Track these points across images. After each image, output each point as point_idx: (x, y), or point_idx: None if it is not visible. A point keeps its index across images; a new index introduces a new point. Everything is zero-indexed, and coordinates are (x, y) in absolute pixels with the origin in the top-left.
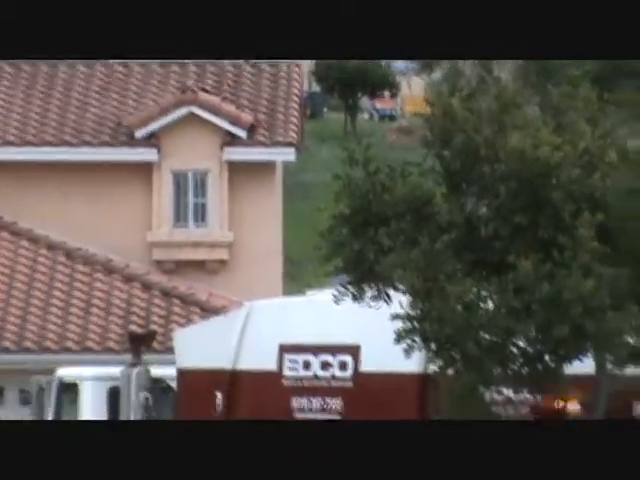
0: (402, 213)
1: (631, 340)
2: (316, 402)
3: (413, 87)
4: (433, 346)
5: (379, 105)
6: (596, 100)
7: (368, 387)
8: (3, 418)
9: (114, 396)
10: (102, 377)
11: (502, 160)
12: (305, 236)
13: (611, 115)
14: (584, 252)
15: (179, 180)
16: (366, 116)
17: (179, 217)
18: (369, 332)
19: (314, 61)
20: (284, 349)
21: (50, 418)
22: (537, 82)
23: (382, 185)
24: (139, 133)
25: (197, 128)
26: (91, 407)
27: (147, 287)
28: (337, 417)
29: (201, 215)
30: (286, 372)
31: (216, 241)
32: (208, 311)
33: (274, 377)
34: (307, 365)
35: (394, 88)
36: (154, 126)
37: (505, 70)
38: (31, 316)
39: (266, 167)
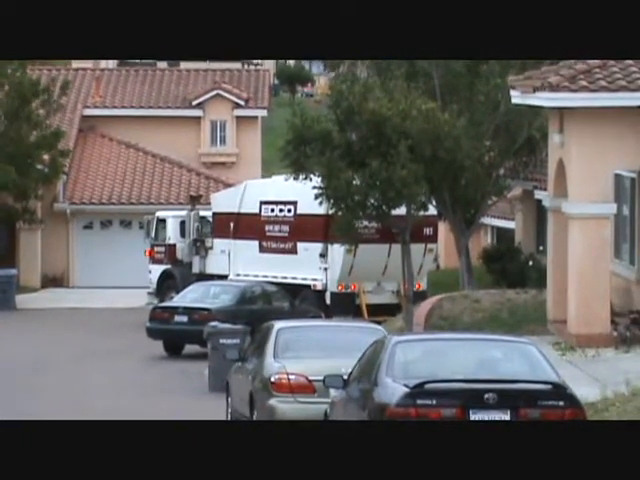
0: (317, 138)
1: (423, 198)
2: (276, 227)
3: (321, 81)
4: (332, 201)
5: (306, 89)
6: (407, 87)
7: (301, 221)
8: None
9: (182, 225)
10: (177, 215)
11: (363, 114)
12: (273, 150)
13: (413, 93)
14: (401, 157)
15: None
16: (299, 95)
17: None
18: (302, 194)
19: (275, 65)
20: (262, 202)
21: (152, 236)
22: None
23: (308, 126)
24: None
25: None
26: (172, 231)
27: (198, 174)
28: (286, 235)
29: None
30: (263, 213)
31: (231, 153)
32: (228, 185)
33: (257, 216)
34: (273, 210)
35: (313, 81)
36: None
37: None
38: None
39: (253, 120)
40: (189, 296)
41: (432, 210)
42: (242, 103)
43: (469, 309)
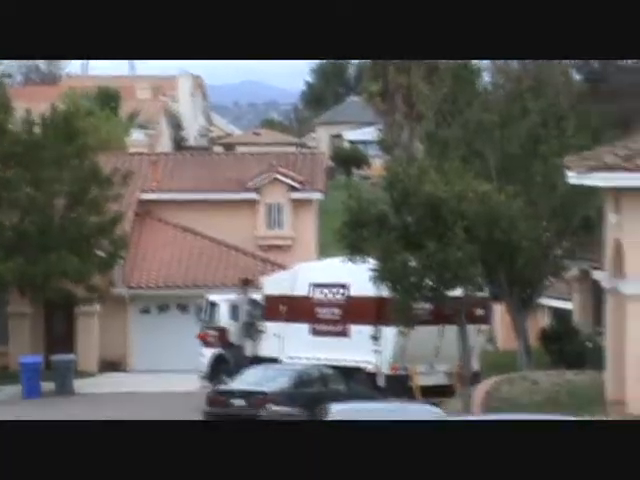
0: (373, 221)
1: (480, 279)
2: (327, 310)
3: (377, 163)
4: (388, 283)
5: (361, 172)
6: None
7: (353, 304)
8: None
9: (234, 308)
10: (229, 299)
11: (419, 196)
12: (329, 232)
13: (468, 174)
14: (457, 239)
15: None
16: (355, 177)
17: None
18: (354, 277)
19: (331, 148)
20: (313, 285)
21: (204, 320)
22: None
23: (364, 208)
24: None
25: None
26: (223, 314)
27: (254, 258)
28: (338, 318)
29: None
30: (314, 295)
31: (287, 236)
32: (285, 268)
33: (308, 298)
34: (324, 292)
35: (368, 164)
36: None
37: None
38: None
39: (309, 203)
40: (246, 379)
41: (484, 291)
42: (298, 186)
43: (527, 391)
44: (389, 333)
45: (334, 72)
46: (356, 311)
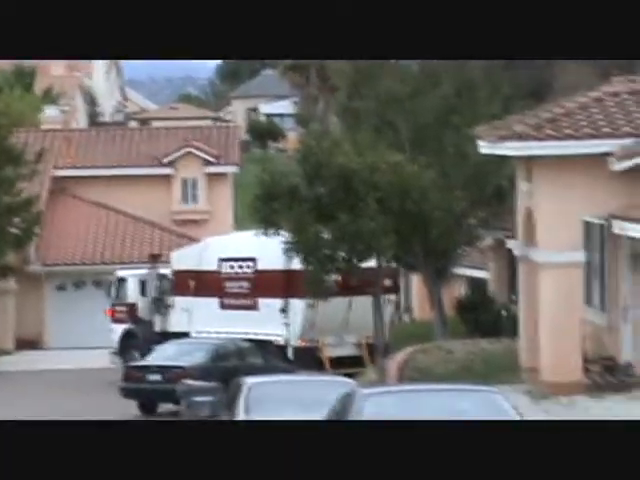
0: (285, 193)
1: (393, 250)
2: (236, 284)
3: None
4: (300, 256)
5: (277, 145)
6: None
7: (262, 277)
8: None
9: (143, 284)
10: (137, 274)
11: (332, 168)
12: (244, 206)
13: (380, 145)
14: (369, 210)
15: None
16: (271, 150)
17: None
18: (262, 250)
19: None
20: (221, 259)
21: (113, 296)
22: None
23: (276, 181)
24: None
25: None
26: (132, 289)
27: (170, 233)
28: (247, 292)
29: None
30: (222, 270)
31: (203, 210)
32: (193, 241)
33: (216, 273)
34: (232, 267)
35: (284, 137)
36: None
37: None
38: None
39: (224, 176)
40: (162, 354)
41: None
42: (213, 160)
43: (442, 360)
44: (298, 306)
45: None
46: (265, 285)
